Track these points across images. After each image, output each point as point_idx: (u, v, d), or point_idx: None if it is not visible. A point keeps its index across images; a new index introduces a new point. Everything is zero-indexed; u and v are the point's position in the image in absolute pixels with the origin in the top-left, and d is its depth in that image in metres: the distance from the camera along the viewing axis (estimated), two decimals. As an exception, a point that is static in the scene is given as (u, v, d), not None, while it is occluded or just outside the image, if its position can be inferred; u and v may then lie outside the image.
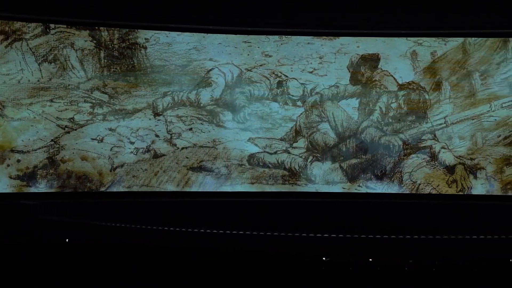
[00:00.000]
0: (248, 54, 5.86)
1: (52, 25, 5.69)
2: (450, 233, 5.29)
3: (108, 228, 5.47)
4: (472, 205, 5.71)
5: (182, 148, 5.83)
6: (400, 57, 5.83)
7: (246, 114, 5.87)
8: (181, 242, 5.39)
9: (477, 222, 5.52)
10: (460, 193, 5.80)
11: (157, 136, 5.85)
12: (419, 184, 5.83)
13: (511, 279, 4.93)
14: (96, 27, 5.76)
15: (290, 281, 5.02)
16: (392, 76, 5.84)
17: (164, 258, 5.04)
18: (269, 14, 5.77)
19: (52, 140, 5.69)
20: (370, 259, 5.02)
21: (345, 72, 5.86)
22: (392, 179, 5.84)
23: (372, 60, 5.83)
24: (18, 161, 5.60)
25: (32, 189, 5.65)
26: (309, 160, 5.83)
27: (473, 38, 5.77)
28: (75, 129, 5.74)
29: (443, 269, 4.98)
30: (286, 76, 5.88)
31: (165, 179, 5.80)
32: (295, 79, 5.87)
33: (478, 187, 5.80)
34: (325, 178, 5.83)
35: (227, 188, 5.83)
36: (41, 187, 5.67)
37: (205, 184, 5.83)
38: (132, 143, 5.82)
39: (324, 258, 5.02)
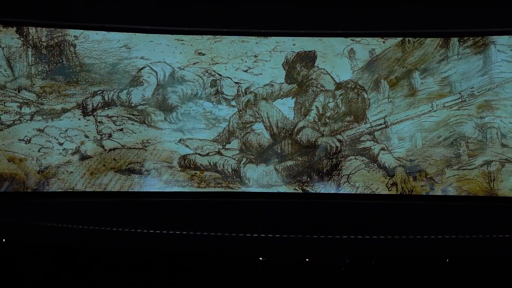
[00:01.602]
0: (181, 53, 5.66)
1: (-24, 22, 5.51)
2: (387, 233, 5.17)
3: (42, 228, 5.33)
4: (411, 206, 5.52)
5: (110, 150, 5.62)
6: (338, 55, 5.64)
7: (179, 114, 5.67)
8: (112, 242, 5.25)
9: (415, 222, 5.38)
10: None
11: (86, 136, 5.65)
12: (358, 187, 5.62)
13: (446, 279, 4.89)
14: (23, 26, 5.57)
15: (227, 281, 4.99)
16: (329, 74, 5.64)
17: (96, 258, 4.96)
18: (203, 12, 5.58)
19: (-22, 141, 5.50)
20: (307, 259, 4.96)
21: (280, 71, 5.67)
22: (330, 182, 5.64)
23: (308, 58, 5.63)
24: None
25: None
26: (242, 162, 5.62)
27: (412, 36, 5.58)
28: (2, 130, 5.53)
29: (380, 269, 4.95)
30: (220, 75, 5.68)
31: (92, 181, 5.60)
32: (229, 78, 5.67)
33: (418, 190, 5.59)
34: (259, 181, 5.62)
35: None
36: (-32, 188, 5.49)
37: (133, 186, 5.62)
38: (60, 144, 5.62)
39: (260, 258, 4.97)
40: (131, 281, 5.14)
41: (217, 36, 5.66)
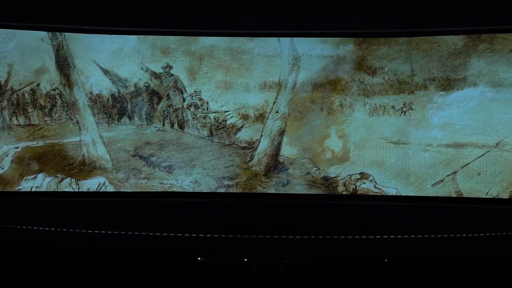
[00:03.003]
0: (114, 52, 5.46)
1: None
2: (326, 233, 5.13)
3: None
4: (352, 206, 5.40)
5: (43, 151, 5.45)
6: (277, 55, 5.43)
7: (113, 114, 5.49)
8: (45, 241, 5.25)
9: (355, 222, 5.29)
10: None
11: (19, 138, 5.48)
12: (299, 190, 5.46)
13: (385, 278, 5.01)
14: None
15: (165, 280, 5.07)
16: (269, 74, 5.44)
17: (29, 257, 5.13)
18: (140, 11, 5.39)
19: None
20: (245, 259, 4.99)
21: (217, 70, 5.47)
22: (269, 183, 5.48)
23: (247, 57, 5.43)
24: None
25: None
26: (178, 164, 5.46)
27: (351, 34, 5.39)
28: None
29: (318, 269, 5.03)
30: (156, 74, 5.49)
31: (22, 183, 5.45)
32: (166, 77, 5.48)
33: (360, 191, 5.44)
34: (195, 182, 5.46)
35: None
36: None
37: (67, 187, 5.47)
38: (-8, 146, 5.46)
39: (199, 258, 5.00)
40: (56, 280, 5.09)
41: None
